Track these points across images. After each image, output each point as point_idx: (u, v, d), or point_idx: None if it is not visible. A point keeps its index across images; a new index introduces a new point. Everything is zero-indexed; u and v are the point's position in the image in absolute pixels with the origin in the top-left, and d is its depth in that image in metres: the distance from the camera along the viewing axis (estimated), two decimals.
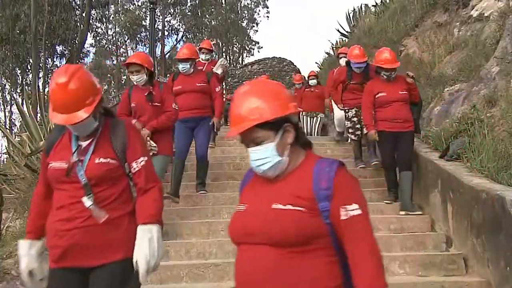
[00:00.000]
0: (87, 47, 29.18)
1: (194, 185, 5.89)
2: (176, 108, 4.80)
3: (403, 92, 5.41)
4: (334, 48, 14.45)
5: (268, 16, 42.64)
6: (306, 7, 68.66)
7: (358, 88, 6.23)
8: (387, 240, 4.59)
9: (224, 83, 9.51)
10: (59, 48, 25.09)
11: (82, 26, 22.36)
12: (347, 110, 6.57)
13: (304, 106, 9.60)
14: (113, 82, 31.81)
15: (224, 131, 10.20)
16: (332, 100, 8.02)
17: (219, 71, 6.89)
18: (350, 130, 6.61)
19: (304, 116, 9.78)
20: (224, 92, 10.80)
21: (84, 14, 22.25)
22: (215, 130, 6.09)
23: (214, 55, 9.51)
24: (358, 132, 6.47)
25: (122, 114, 4.61)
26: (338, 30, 15.77)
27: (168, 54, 31.61)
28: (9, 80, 25.14)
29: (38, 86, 19.65)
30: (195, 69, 5.79)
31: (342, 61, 7.82)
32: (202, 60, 7.35)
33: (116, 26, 31.53)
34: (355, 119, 6.47)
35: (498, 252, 3.58)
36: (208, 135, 5.84)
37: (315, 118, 9.80)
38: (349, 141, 7.19)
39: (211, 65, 7.16)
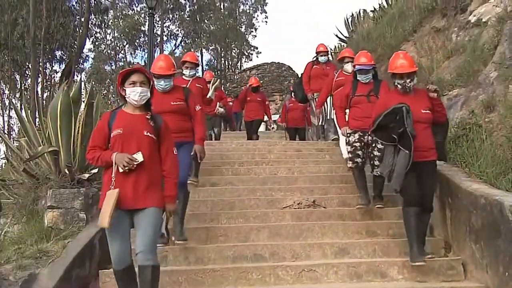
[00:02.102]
0: (86, 52, 29.22)
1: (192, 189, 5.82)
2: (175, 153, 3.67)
3: (426, 111, 4.32)
4: (333, 54, 14.44)
5: (266, 21, 43.15)
6: (305, 13, 68.87)
7: (363, 100, 5.41)
8: (386, 245, 4.61)
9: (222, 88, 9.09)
10: (58, 53, 25.12)
11: (81, 31, 22.35)
12: (349, 135, 5.52)
13: (314, 86, 8.49)
14: (112, 87, 31.80)
15: (228, 136, 10.21)
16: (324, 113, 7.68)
17: (213, 96, 6.32)
18: (350, 155, 5.47)
19: (316, 98, 8.39)
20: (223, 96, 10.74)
21: (83, 19, 22.26)
22: (198, 161, 4.99)
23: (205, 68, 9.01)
24: (358, 160, 5.41)
25: (95, 147, 3.51)
26: (336, 36, 15.80)
27: None
28: (7, 85, 25.13)
29: (37, 91, 19.62)
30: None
31: (348, 67, 6.97)
32: (186, 76, 6.19)
33: (115, 31, 31.65)
34: (357, 144, 5.41)
35: (497, 257, 3.58)
36: (188, 164, 4.87)
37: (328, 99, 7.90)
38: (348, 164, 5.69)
39: (196, 83, 6.14)
